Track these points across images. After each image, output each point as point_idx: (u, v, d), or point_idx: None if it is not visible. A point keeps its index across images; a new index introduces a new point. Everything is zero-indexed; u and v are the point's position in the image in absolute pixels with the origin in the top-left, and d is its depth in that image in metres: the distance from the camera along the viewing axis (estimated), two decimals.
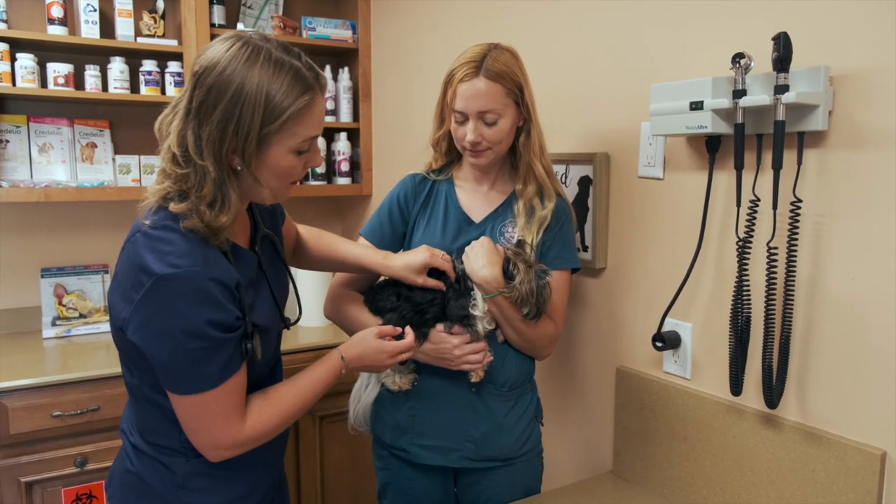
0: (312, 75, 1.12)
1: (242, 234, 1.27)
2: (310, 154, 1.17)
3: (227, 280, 1.10)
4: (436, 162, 1.64)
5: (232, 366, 1.13)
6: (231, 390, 1.14)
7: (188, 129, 1.09)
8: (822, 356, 1.28)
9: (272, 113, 1.07)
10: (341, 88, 2.81)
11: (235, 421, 1.16)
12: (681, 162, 1.53)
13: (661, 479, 1.59)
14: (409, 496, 1.62)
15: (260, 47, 1.09)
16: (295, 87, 1.09)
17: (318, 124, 1.15)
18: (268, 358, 1.29)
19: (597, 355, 1.80)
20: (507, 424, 1.56)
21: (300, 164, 1.16)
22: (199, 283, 1.07)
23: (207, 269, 1.08)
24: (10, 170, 2.40)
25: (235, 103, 1.06)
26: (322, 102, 1.15)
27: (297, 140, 1.12)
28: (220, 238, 1.13)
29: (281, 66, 1.08)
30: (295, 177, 1.18)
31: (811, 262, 1.28)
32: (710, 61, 1.42)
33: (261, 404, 1.21)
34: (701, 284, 1.49)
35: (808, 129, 1.23)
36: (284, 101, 1.08)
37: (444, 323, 1.46)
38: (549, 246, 1.54)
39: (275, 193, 1.19)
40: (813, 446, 1.29)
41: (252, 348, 1.16)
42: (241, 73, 1.06)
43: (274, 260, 1.36)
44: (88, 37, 2.36)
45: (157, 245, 1.08)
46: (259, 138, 1.09)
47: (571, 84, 1.80)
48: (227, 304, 1.11)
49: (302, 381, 1.27)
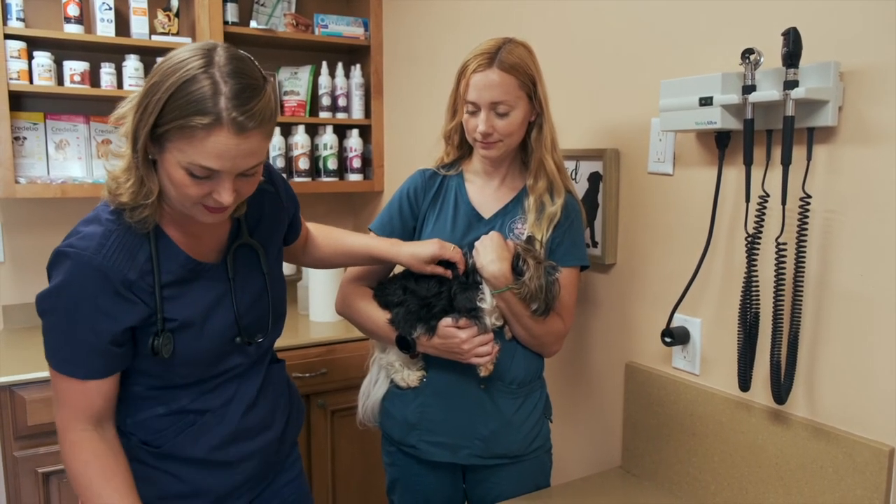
0: (232, 110, 1.01)
1: (211, 238, 1.25)
2: (212, 183, 1.08)
3: (112, 274, 1.11)
4: (447, 156, 1.65)
5: (79, 366, 1.16)
6: (69, 385, 1.17)
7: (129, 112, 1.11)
8: (831, 352, 1.28)
9: (168, 113, 1.02)
10: (353, 85, 2.82)
11: (67, 415, 1.19)
12: (690, 158, 1.53)
13: (669, 474, 1.59)
14: (418, 492, 1.64)
15: (211, 59, 1.04)
16: (202, 104, 1.00)
17: (211, 156, 1.03)
18: (196, 360, 1.24)
19: (606, 351, 1.80)
20: (516, 422, 1.56)
21: (195, 187, 1.07)
22: (81, 266, 1.10)
23: (96, 256, 1.10)
24: (28, 166, 2.44)
25: (151, 89, 1.04)
26: (228, 140, 1.03)
27: (185, 158, 1.04)
28: (135, 216, 1.13)
29: (207, 78, 1.01)
30: (192, 198, 1.09)
31: (820, 257, 1.28)
32: (719, 57, 1.42)
33: (96, 460, 1.19)
34: (710, 280, 1.49)
35: (818, 124, 1.23)
36: (183, 109, 1.01)
37: (451, 315, 1.46)
38: (558, 243, 1.55)
39: (179, 203, 1.12)
40: (821, 442, 1.28)
41: (158, 345, 1.17)
42: (174, 67, 1.03)
43: (250, 270, 1.32)
44: (104, 35, 2.39)
45: (77, 227, 1.16)
46: (153, 134, 1.04)
47: (582, 80, 1.81)
48: (104, 298, 1.12)
49: (107, 490, 1.19)
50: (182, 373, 1.24)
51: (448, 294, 1.47)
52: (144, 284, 1.15)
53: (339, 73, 2.80)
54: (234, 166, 1.06)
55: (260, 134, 1.07)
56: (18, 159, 2.41)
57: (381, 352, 1.62)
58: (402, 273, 1.56)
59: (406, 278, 1.52)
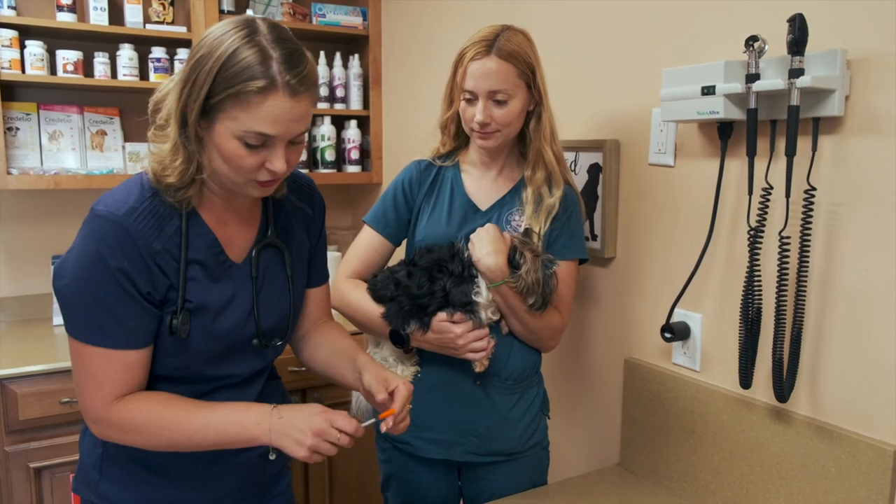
0: (285, 73, 1.02)
1: (239, 234, 1.22)
2: (266, 152, 1.07)
3: (139, 239, 1.08)
4: (443, 146, 1.61)
5: (117, 335, 1.10)
6: (111, 358, 1.10)
7: (173, 93, 1.10)
8: (835, 349, 1.25)
9: (220, 83, 1.02)
10: (351, 76, 2.78)
11: (107, 394, 1.11)
12: (692, 149, 1.49)
13: (668, 472, 1.56)
14: (413, 489, 1.61)
15: (255, 28, 1.05)
16: (254, 68, 1.01)
17: (267, 121, 1.03)
18: (207, 349, 1.18)
19: (605, 346, 1.77)
20: (512, 418, 1.53)
21: (250, 157, 1.06)
22: (111, 227, 1.07)
23: (127, 219, 1.08)
24: (21, 157, 2.40)
25: (198, 63, 1.04)
26: (282, 103, 1.03)
27: (239, 127, 1.03)
28: (178, 196, 1.11)
29: (255, 45, 1.02)
30: (246, 170, 1.08)
31: (825, 252, 1.24)
32: (723, 45, 1.38)
33: (145, 403, 1.13)
34: (711, 274, 1.46)
35: (824, 114, 1.19)
36: (236, 77, 1.01)
37: (446, 310, 1.43)
38: (556, 235, 1.51)
39: (231, 181, 1.11)
40: (824, 442, 1.25)
41: (176, 325, 1.13)
42: (219, 39, 1.03)
43: (276, 271, 1.27)
44: (97, 23, 2.35)
45: (114, 190, 1.13)
46: (204, 106, 1.04)
47: (582, 69, 1.77)
48: (130, 262, 1.08)
49: (201, 416, 1.13)
50: (190, 363, 1.18)
51: (443, 292, 1.43)
52: (169, 257, 1.12)
53: (337, 63, 2.76)
54: (287, 131, 1.06)
55: (309, 98, 1.08)
56: (11, 150, 2.38)
57: (375, 346, 1.59)
58: (394, 266, 1.53)
59: (397, 271, 1.48)
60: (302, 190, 1.34)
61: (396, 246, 1.62)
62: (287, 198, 1.29)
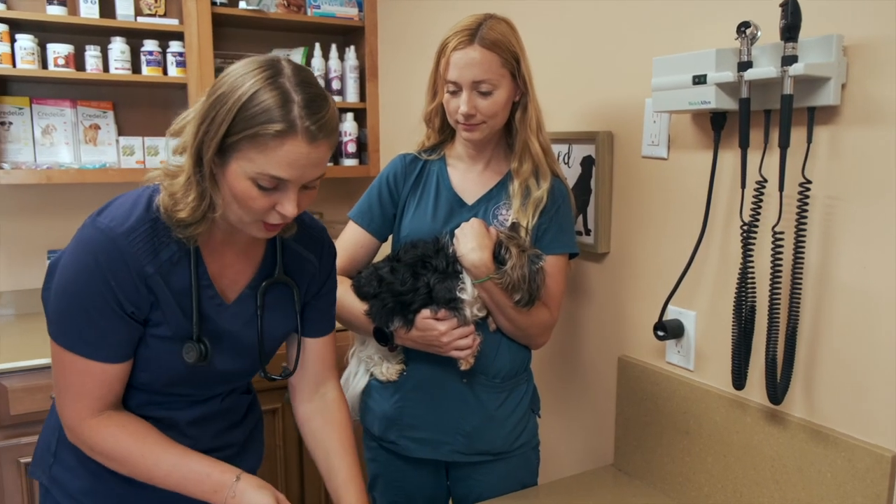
0: (305, 119, 1.00)
1: (234, 265, 1.19)
2: (278, 195, 1.04)
3: (130, 260, 1.06)
4: (428, 139, 1.57)
5: (99, 347, 1.08)
6: (90, 369, 1.09)
7: (190, 126, 1.07)
8: (831, 349, 1.19)
9: (239, 123, 0.99)
10: (347, 68, 2.74)
11: (83, 406, 1.11)
12: (686, 141, 1.44)
13: (661, 473, 1.52)
14: (400, 489, 1.57)
15: (279, 69, 1.02)
16: (274, 111, 0.98)
17: (282, 165, 1.01)
18: (176, 374, 1.16)
19: (598, 344, 1.72)
20: (499, 417, 1.49)
21: (262, 199, 1.03)
22: (105, 242, 1.06)
23: (122, 239, 1.06)
24: (14, 152, 2.39)
25: (217, 100, 1.01)
26: (300, 148, 1.00)
27: (254, 168, 1.01)
28: (187, 233, 1.08)
29: (277, 88, 0.99)
30: (256, 211, 1.05)
31: (820, 247, 1.19)
32: (717, 32, 1.32)
33: (115, 431, 1.11)
34: (705, 271, 1.41)
35: (819, 103, 1.14)
36: (255, 119, 0.99)
37: (430, 307, 1.39)
38: (545, 229, 1.47)
39: (238, 219, 1.08)
40: (820, 445, 1.20)
41: (204, 351, 1.12)
42: (241, 78, 1.01)
43: (284, 309, 1.25)
44: (88, 16, 2.32)
45: (120, 202, 1.11)
46: (221, 145, 1.01)
47: (573, 59, 1.72)
48: (119, 279, 1.06)
49: (165, 464, 1.12)
50: (154, 381, 1.17)
51: (427, 289, 1.39)
52: (160, 281, 1.10)
53: (332, 55, 2.72)
54: (302, 176, 1.03)
55: (327, 144, 1.05)
56: (4, 144, 2.37)
57: (361, 344, 1.55)
58: (379, 262, 1.49)
59: (381, 267, 1.45)
60: (312, 239, 1.29)
61: (382, 242, 1.58)
62: (294, 246, 1.25)
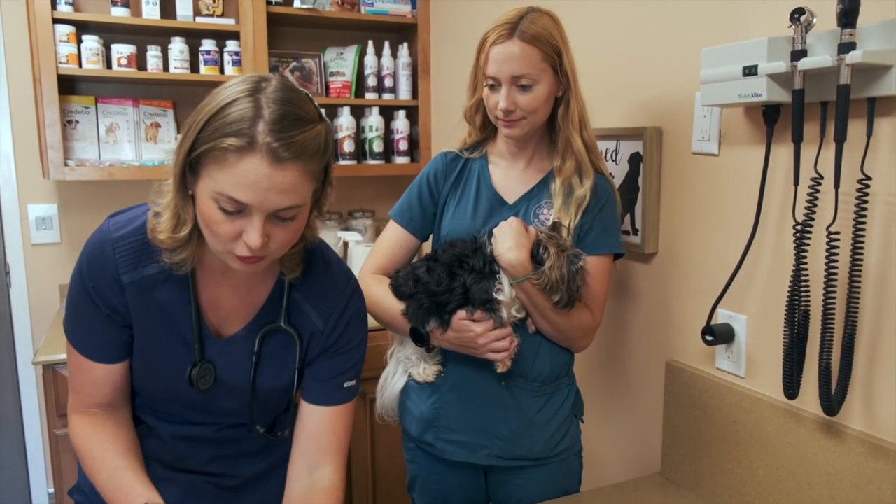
0: (267, 135, 0.91)
1: (230, 300, 1.13)
2: (242, 221, 0.95)
3: (109, 266, 1.07)
4: (470, 137, 1.55)
5: (87, 344, 1.11)
6: (81, 364, 1.12)
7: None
8: (892, 358, 1.11)
9: (204, 135, 0.92)
10: (400, 65, 2.73)
11: (74, 400, 1.14)
12: (738, 136, 1.36)
13: (710, 484, 1.45)
14: (438, 491, 1.55)
15: (262, 85, 0.95)
16: (237, 124, 0.90)
17: (241, 186, 0.91)
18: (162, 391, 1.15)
19: (645, 348, 1.66)
20: (539, 421, 1.45)
21: (226, 224, 0.95)
22: (99, 244, 1.09)
23: (111, 245, 1.08)
24: (80, 149, 2.48)
25: (194, 114, 0.95)
26: (260, 168, 0.91)
27: (213, 187, 0.93)
28: (174, 258, 1.04)
29: (251, 102, 0.92)
30: (221, 238, 0.96)
31: (881, 249, 1.11)
32: (771, 20, 1.25)
33: (90, 433, 1.12)
34: (757, 273, 1.33)
35: (880, 94, 1.06)
36: (218, 131, 0.91)
37: (466, 308, 1.36)
38: (588, 228, 1.42)
39: (213, 247, 1.01)
40: (879, 461, 1.12)
41: (195, 377, 1.11)
42: (225, 88, 0.96)
43: (284, 360, 1.16)
44: (149, 17, 2.39)
45: (131, 210, 1.13)
46: (190, 159, 0.95)
47: (620, 52, 1.66)
48: (92, 280, 1.08)
49: (109, 470, 1.10)
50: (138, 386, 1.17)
51: (464, 289, 1.36)
52: (137, 295, 1.08)
53: (385, 53, 2.72)
54: (263, 200, 0.93)
55: (298, 168, 0.94)
56: (71, 142, 2.46)
57: (399, 344, 1.54)
58: (417, 261, 1.47)
59: (418, 266, 1.43)
60: (325, 299, 1.16)
61: (423, 241, 1.56)
62: (297, 297, 1.15)
